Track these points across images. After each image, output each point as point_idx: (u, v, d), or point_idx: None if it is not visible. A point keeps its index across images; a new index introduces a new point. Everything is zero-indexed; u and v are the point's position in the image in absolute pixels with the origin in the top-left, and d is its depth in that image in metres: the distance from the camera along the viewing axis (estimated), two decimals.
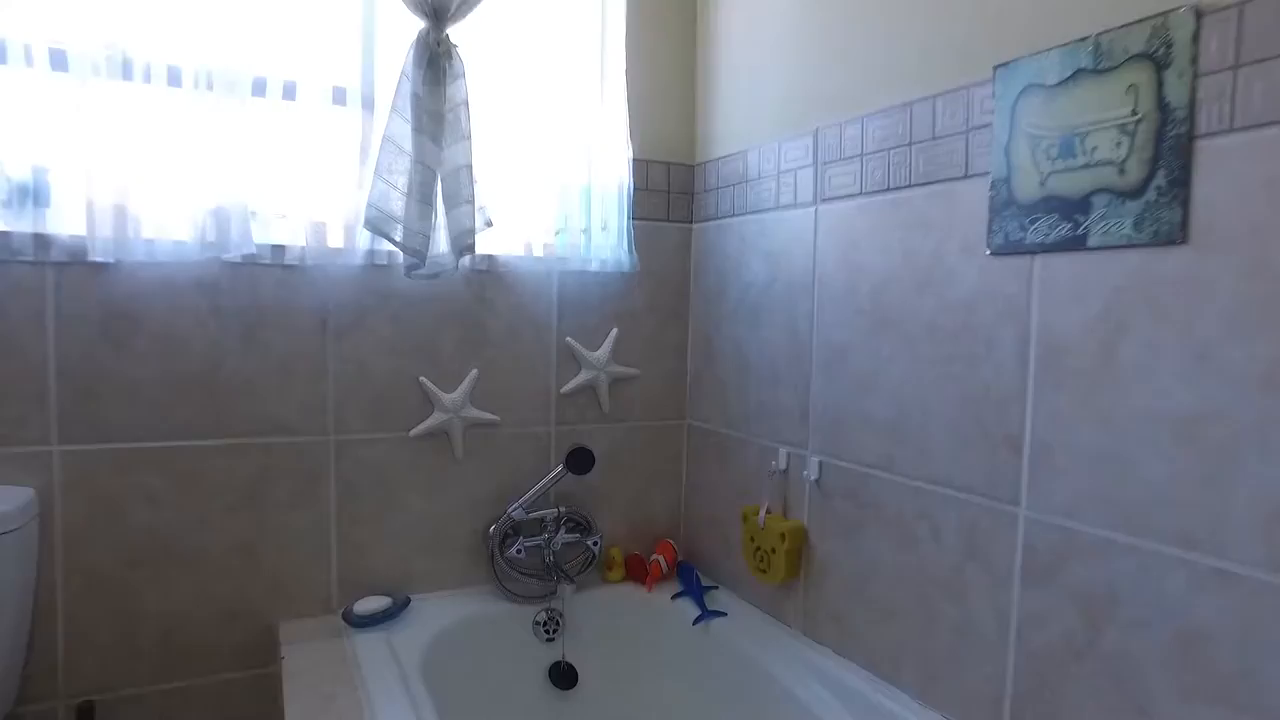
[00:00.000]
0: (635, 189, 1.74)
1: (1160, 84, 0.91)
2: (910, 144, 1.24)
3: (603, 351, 1.75)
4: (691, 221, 1.84)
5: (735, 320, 1.68)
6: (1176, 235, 0.89)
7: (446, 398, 1.61)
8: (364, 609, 1.52)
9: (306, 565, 1.54)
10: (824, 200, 1.42)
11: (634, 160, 1.74)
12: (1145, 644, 0.93)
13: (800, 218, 1.48)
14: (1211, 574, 0.87)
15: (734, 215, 1.68)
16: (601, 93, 1.70)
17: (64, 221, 1.33)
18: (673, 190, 1.82)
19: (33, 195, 1.30)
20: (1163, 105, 0.90)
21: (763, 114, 1.60)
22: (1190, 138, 0.88)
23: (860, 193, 1.34)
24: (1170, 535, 0.90)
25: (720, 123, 1.75)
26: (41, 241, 1.31)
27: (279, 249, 1.46)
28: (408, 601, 1.57)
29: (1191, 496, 0.88)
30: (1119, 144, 0.95)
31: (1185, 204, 0.89)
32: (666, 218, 1.81)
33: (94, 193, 1.31)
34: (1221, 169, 0.85)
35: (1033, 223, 1.05)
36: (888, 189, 1.28)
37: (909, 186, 1.24)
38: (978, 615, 1.14)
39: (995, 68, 1.10)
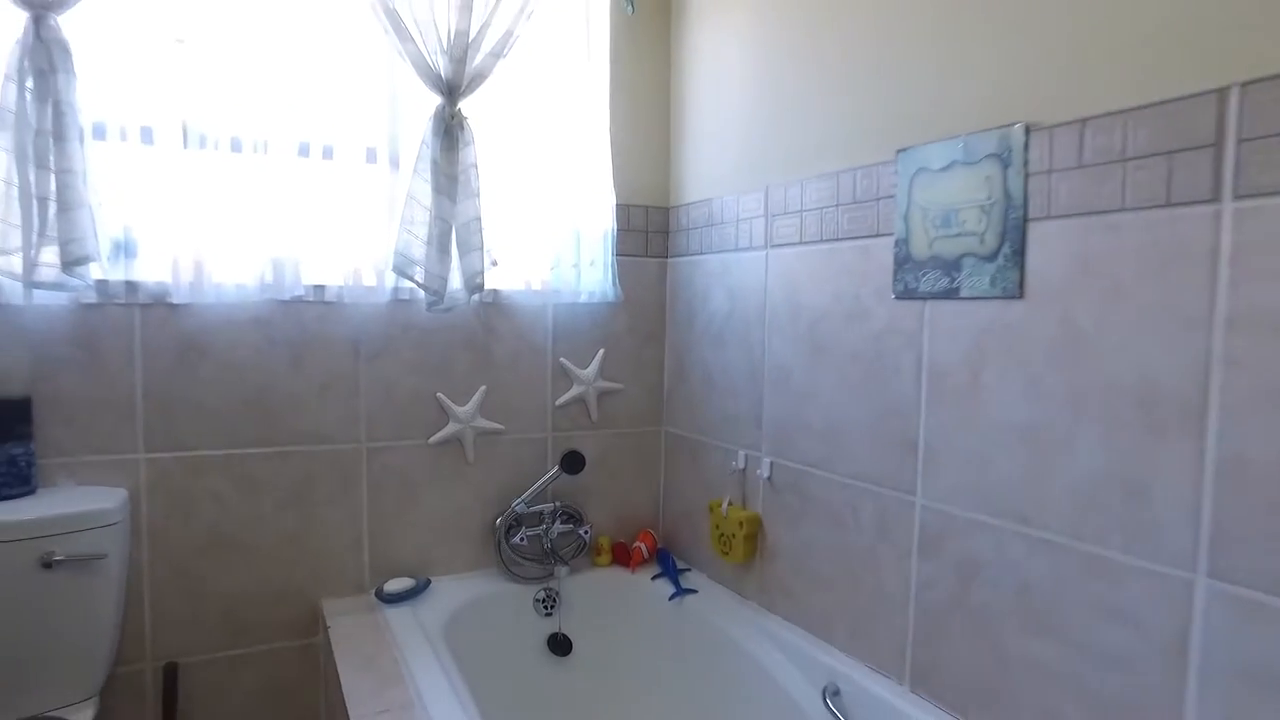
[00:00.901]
0: (618, 229, 2.04)
1: (1005, 178, 1.21)
2: (838, 205, 1.55)
3: (591, 369, 2.05)
4: (667, 256, 2.14)
5: (702, 343, 1.99)
6: (1016, 291, 1.20)
7: (459, 410, 1.91)
8: (393, 589, 1.81)
9: (343, 553, 1.83)
10: (773, 246, 1.73)
11: (617, 205, 2.03)
12: (997, 596, 1.24)
13: (754, 259, 1.79)
14: (1040, 543, 1.17)
15: (701, 254, 1.99)
16: (588, 148, 2.00)
17: (148, 270, 1.62)
18: (650, 230, 2.12)
19: (124, 249, 1.60)
20: (1007, 194, 1.21)
21: (725, 169, 1.90)
22: (1025, 220, 1.19)
23: (800, 242, 1.64)
24: (1014, 515, 1.21)
25: (690, 173, 2.05)
26: (131, 287, 1.60)
27: (320, 288, 1.76)
28: (428, 582, 1.87)
29: (1028, 486, 1.19)
30: (980, 220, 1.26)
31: (1022, 269, 1.19)
32: (645, 253, 2.11)
33: (173, 246, 1.60)
34: (1044, 245, 1.16)
35: (923, 275, 1.36)
36: (821, 240, 1.59)
37: (837, 240, 1.55)
38: (887, 582, 1.45)
39: (898, 151, 1.40)
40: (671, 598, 1.93)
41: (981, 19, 1.26)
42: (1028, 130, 1.18)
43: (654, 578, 2.02)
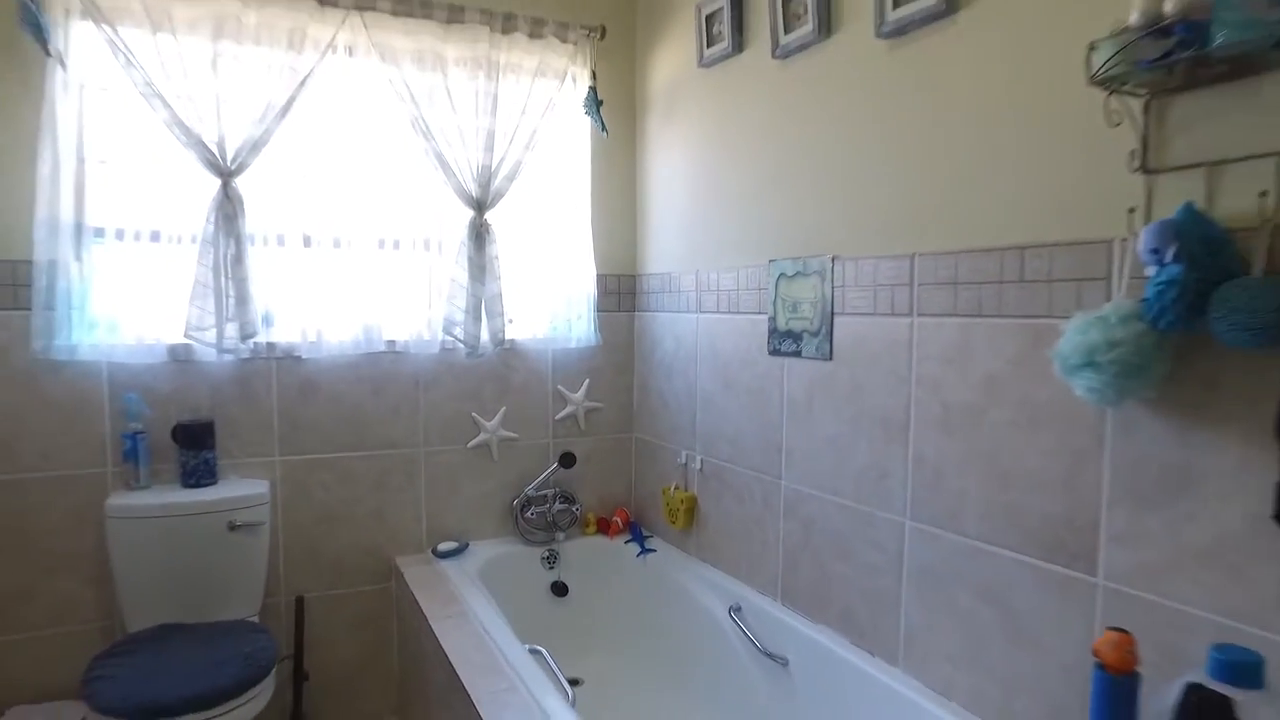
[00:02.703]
0: (598, 293, 2.84)
1: (824, 287, 2.02)
2: (738, 290, 2.35)
3: (580, 393, 2.86)
4: (634, 311, 2.95)
5: (659, 375, 2.80)
6: (829, 356, 2.00)
7: (488, 424, 2.72)
8: (443, 548, 2.62)
9: (409, 524, 2.65)
10: (702, 312, 2.54)
11: (597, 275, 2.84)
12: (823, 539, 2.04)
13: (690, 319, 2.59)
14: (841, 506, 1.98)
15: (658, 311, 2.80)
16: (576, 233, 2.80)
17: (282, 334, 2.43)
18: (622, 291, 2.93)
19: (266, 320, 2.40)
20: (824, 296, 2.02)
21: (673, 253, 2.71)
22: (833, 313, 1.99)
23: (717, 311, 2.45)
24: (830, 490, 2.01)
25: (650, 252, 2.86)
26: (271, 347, 2.41)
27: (393, 342, 2.57)
28: (468, 545, 2.68)
29: (835, 472, 1.99)
30: (811, 310, 2.06)
31: (831, 342, 2.00)
32: (618, 309, 2.92)
33: (298, 317, 2.42)
34: (843, 329, 1.96)
35: (783, 342, 2.16)
36: (729, 312, 2.39)
37: (738, 313, 2.35)
38: (768, 535, 2.25)
39: (769, 261, 2.21)
40: (638, 555, 2.74)
41: (812, 194, 2.06)
42: (834, 259, 1.98)
43: (626, 541, 2.83)
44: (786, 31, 2.09)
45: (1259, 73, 1.13)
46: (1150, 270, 1.21)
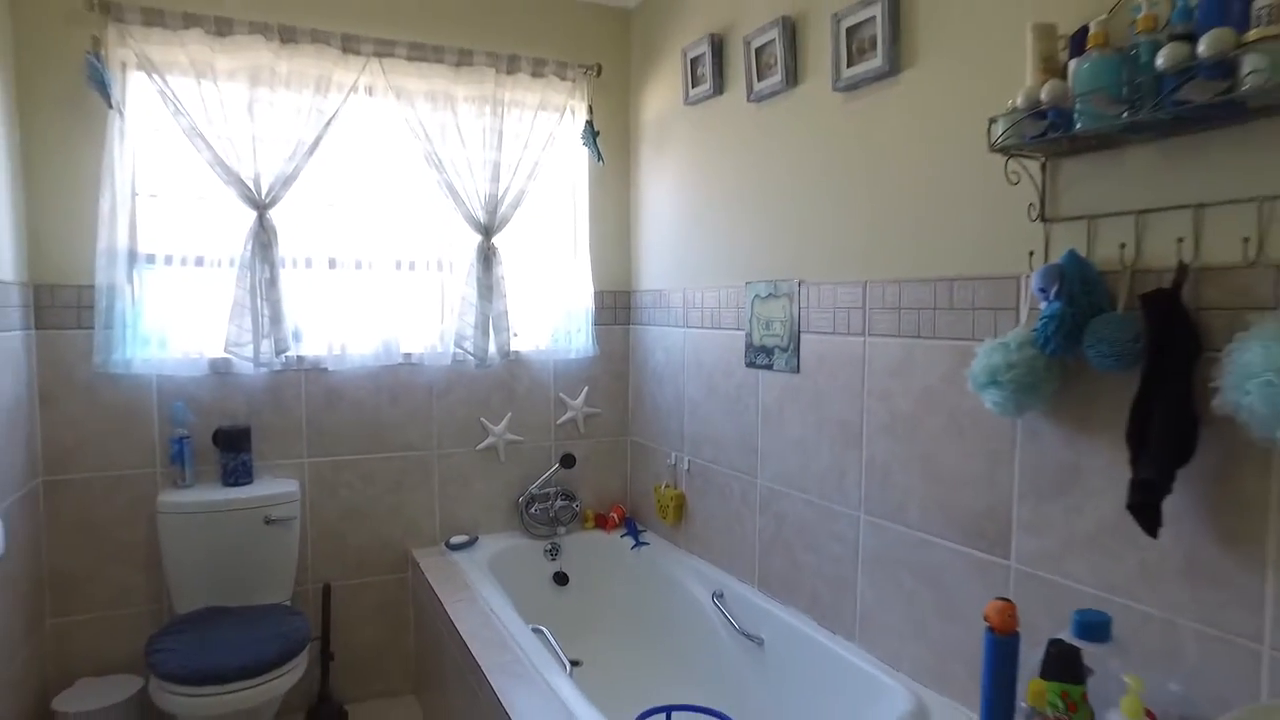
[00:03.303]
0: (596, 307, 3.10)
1: (792, 307, 2.27)
2: (719, 307, 2.61)
3: (579, 399, 3.13)
4: (629, 324, 3.21)
5: (652, 382, 3.06)
6: (796, 369, 2.26)
7: (495, 428, 2.99)
8: (455, 541, 2.89)
9: (424, 519, 2.92)
10: (688, 327, 2.80)
11: (595, 291, 3.10)
12: (792, 532, 2.30)
13: (679, 333, 2.86)
14: (808, 502, 2.24)
15: (650, 325, 3.06)
16: (574, 252, 3.07)
17: (310, 348, 2.70)
18: (617, 306, 3.19)
19: (295, 336, 2.67)
20: (792, 316, 2.27)
21: (663, 272, 2.97)
22: (799, 332, 2.25)
23: (701, 326, 2.71)
24: (798, 487, 2.27)
25: (643, 271, 3.12)
26: (300, 360, 2.68)
27: (409, 354, 2.84)
28: (477, 538, 2.95)
29: (803, 472, 2.25)
30: (781, 328, 2.32)
31: (799, 357, 2.25)
32: (614, 323, 3.19)
33: (324, 333, 2.69)
34: (808, 346, 2.22)
35: (757, 356, 2.42)
36: (711, 328, 2.65)
37: (719, 329, 2.61)
38: (746, 528, 2.51)
39: (746, 283, 2.47)
40: (633, 548, 3.00)
41: (781, 224, 2.32)
42: (800, 283, 2.24)
43: (622, 535, 3.09)
44: (759, 79, 2.35)
45: (1119, 147, 1.38)
46: (1041, 304, 1.46)
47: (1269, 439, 1.11)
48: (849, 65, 2.01)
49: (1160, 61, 1.17)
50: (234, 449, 2.57)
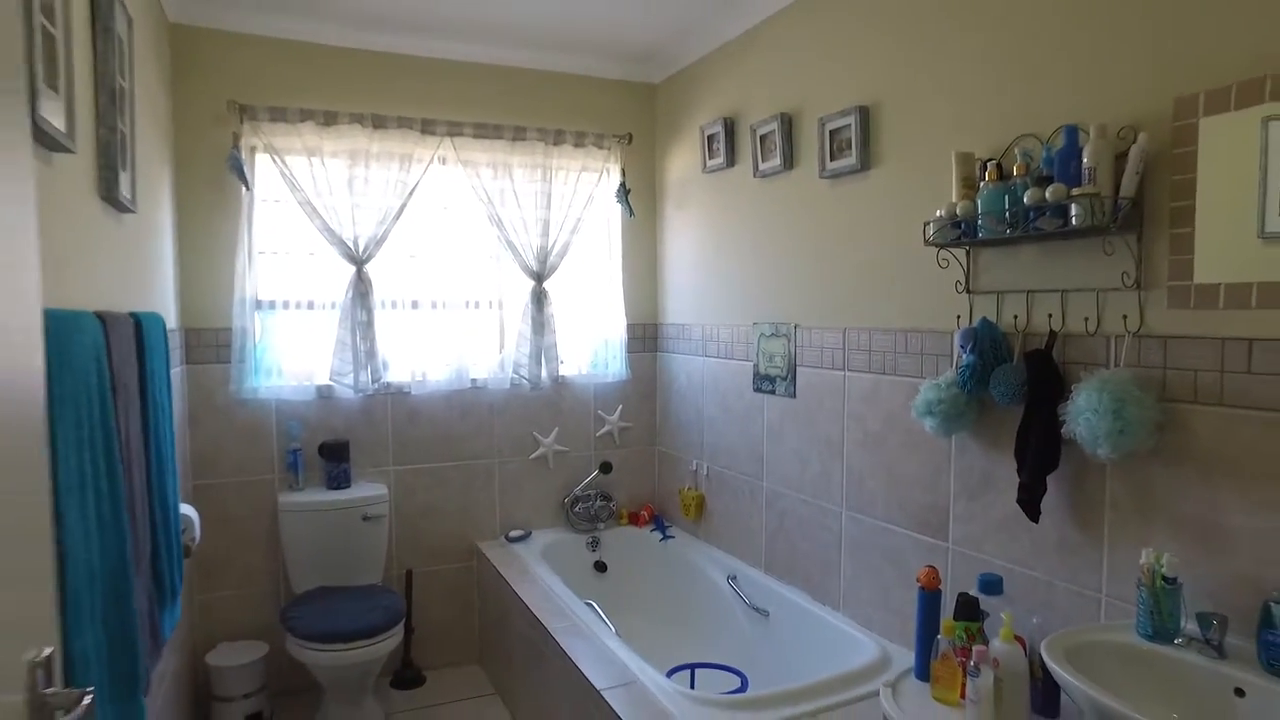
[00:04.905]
0: (628, 337, 3.68)
1: (789, 345, 2.84)
2: (732, 341, 3.18)
3: (615, 415, 3.70)
4: (657, 352, 3.79)
5: (676, 401, 3.63)
6: (794, 394, 2.82)
7: (544, 440, 3.57)
8: (513, 535, 3.47)
9: (486, 516, 3.50)
10: (706, 356, 3.37)
11: (627, 324, 3.67)
12: (791, 525, 2.86)
13: (699, 361, 3.42)
14: (802, 500, 2.79)
15: (674, 353, 3.63)
16: (610, 292, 3.64)
17: (395, 376, 3.29)
18: (646, 336, 3.77)
19: (384, 366, 3.26)
20: (790, 352, 2.84)
21: (686, 309, 3.54)
22: (796, 365, 2.81)
23: (718, 356, 3.28)
24: (795, 488, 2.83)
25: (668, 306, 3.69)
26: (388, 385, 3.28)
27: (475, 379, 3.42)
28: (530, 533, 3.53)
29: (800, 476, 2.81)
30: (781, 361, 2.88)
31: (796, 385, 2.81)
32: (644, 350, 3.76)
33: (407, 363, 3.28)
34: (803, 377, 2.78)
35: (763, 383, 2.98)
36: (726, 358, 3.22)
37: (731, 359, 3.18)
38: (755, 522, 3.07)
39: (753, 323, 3.03)
40: (661, 540, 3.57)
41: (781, 278, 2.88)
42: (795, 326, 2.80)
43: (651, 530, 3.66)
44: (763, 160, 2.91)
45: (1014, 245, 1.94)
46: (962, 355, 2.02)
47: (1095, 455, 1.66)
48: (831, 159, 2.57)
49: (1026, 199, 1.73)
50: (336, 459, 3.17)
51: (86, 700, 0.82)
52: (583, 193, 3.50)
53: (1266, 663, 1.39)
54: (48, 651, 0.83)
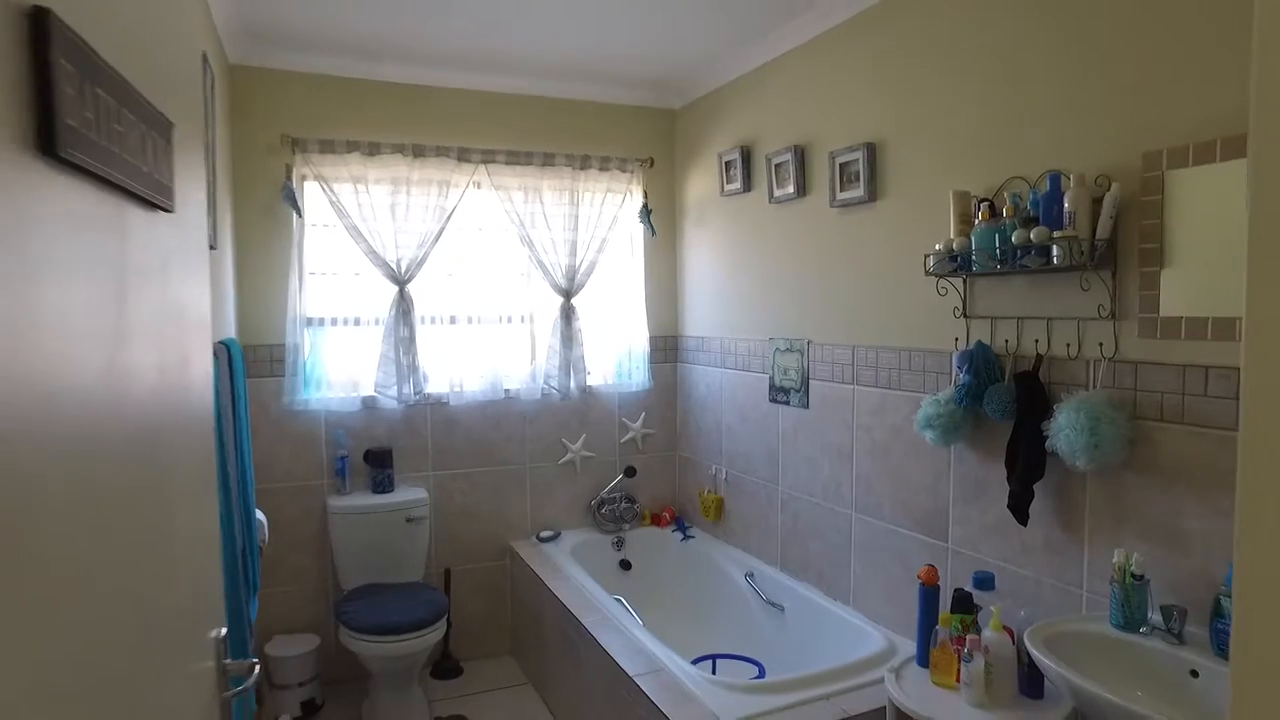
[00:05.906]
0: (651, 349, 3.90)
1: (803, 360, 3.06)
2: (749, 355, 3.40)
3: (639, 422, 3.93)
4: (678, 363, 4.01)
5: (696, 409, 3.85)
6: (806, 405, 3.04)
7: (573, 446, 3.80)
8: (544, 535, 3.71)
9: (520, 517, 3.74)
10: (725, 368, 3.59)
11: (650, 336, 3.90)
12: (807, 525, 3.08)
13: (718, 372, 3.65)
14: (814, 503, 3.01)
15: (696, 364, 3.86)
16: (634, 306, 3.87)
17: (435, 387, 3.53)
18: (667, 349, 3.99)
19: (424, 378, 3.50)
20: (804, 366, 3.06)
21: (705, 322, 3.76)
22: (809, 378, 3.03)
23: (735, 368, 3.50)
24: (807, 492, 3.05)
25: (688, 320, 3.92)
26: (427, 397, 3.52)
27: (508, 390, 3.66)
28: (560, 533, 3.76)
29: (811, 481, 3.03)
30: (796, 374, 3.10)
31: (809, 397, 3.03)
32: (665, 361, 3.99)
33: (445, 375, 3.52)
34: (816, 389, 3.00)
35: (778, 394, 3.20)
36: (743, 370, 3.44)
37: (748, 371, 3.40)
38: (771, 524, 3.29)
39: (769, 338, 3.25)
40: (682, 540, 3.79)
41: (794, 297, 3.10)
42: (809, 343, 3.02)
43: (673, 531, 3.88)
44: (778, 188, 3.13)
45: (1006, 276, 2.15)
46: (959, 374, 2.23)
47: (1074, 467, 1.87)
48: (841, 190, 2.78)
49: (1013, 239, 1.94)
50: (380, 465, 3.41)
51: (256, 670, 1.06)
52: (608, 214, 3.73)
53: (1217, 648, 1.60)
54: (223, 631, 1.07)
